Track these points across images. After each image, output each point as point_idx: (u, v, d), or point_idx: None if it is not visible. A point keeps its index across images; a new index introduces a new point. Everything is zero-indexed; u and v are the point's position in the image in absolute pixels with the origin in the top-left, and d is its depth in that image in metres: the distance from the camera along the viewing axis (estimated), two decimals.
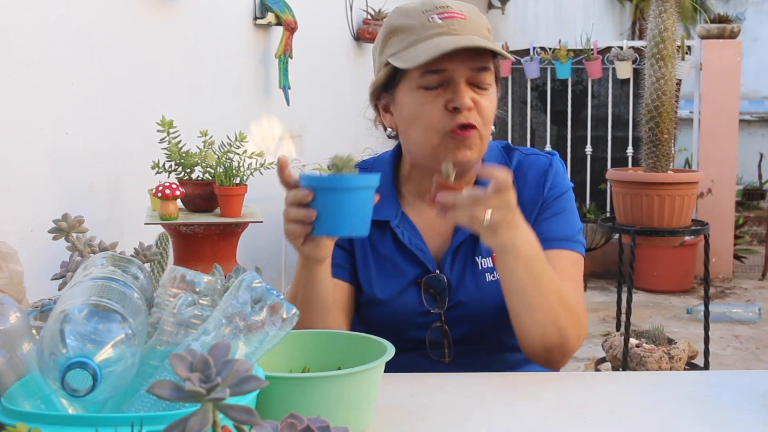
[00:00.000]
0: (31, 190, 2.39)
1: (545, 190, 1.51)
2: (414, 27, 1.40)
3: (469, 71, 1.39)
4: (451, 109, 1.39)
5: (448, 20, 1.39)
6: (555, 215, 1.51)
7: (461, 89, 1.38)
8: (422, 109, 1.40)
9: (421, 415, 1.18)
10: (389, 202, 1.52)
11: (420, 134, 1.42)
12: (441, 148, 1.41)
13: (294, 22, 4.16)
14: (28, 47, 2.37)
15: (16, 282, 1.46)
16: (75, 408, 0.95)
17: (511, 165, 1.54)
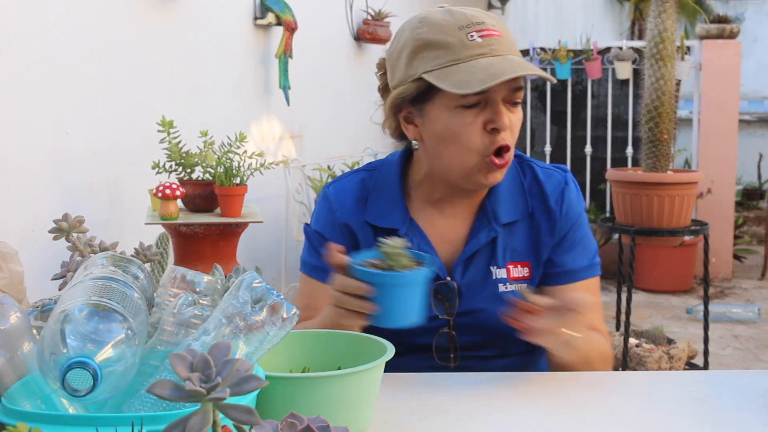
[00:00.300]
0: (31, 190, 2.39)
1: (561, 215, 1.52)
2: (452, 45, 1.38)
3: (507, 91, 1.40)
4: (490, 129, 1.39)
5: (488, 39, 1.38)
6: (575, 244, 1.53)
7: (501, 110, 1.39)
8: (462, 130, 1.40)
9: (421, 415, 1.18)
10: (397, 208, 1.51)
11: (455, 154, 1.42)
12: (475, 170, 1.42)
13: (294, 22, 4.16)
14: (28, 47, 2.38)
15: (16, 282, 1.46)
16: (75, 408, 0.95)
17: (525, 180, 1.54)
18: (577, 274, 1.53)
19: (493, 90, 1.37)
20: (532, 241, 1.51)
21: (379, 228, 1.51)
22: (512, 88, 1.39)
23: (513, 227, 1.51)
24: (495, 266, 1.49)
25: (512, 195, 1.52)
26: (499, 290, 1.49)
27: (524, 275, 1.50)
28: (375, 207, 1.52)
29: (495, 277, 1.49)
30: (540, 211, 1.51)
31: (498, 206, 1.50)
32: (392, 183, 1.53)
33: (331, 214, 1.55)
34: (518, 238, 1.51)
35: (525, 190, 1.53)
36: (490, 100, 1.39)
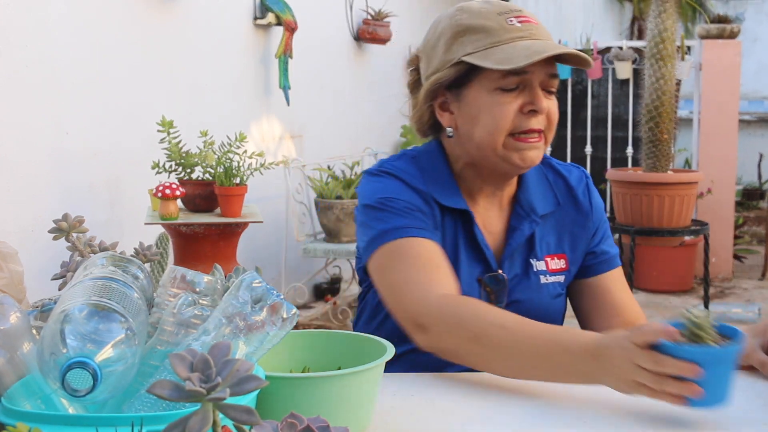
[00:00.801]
0: (31, 190, 2.39)
1: (592, 210, 1.57)
2: (493, 28, 1.41)
3: (545, 76, 1.42)
4: (527, 111, 1.41)
5: (526, 24, 1.42)
6: (604, 238, 1.59)
7: (539, 93, 1.42)
8: (498, 110, 1.41)
9: (421, 415, 1.18)
10: (456, 192, 1.50)
11: (486, 133, 1.43)
12: (503, 150, 1.43)
13: (294, 22, 4.16)
14: (28, 47, 2.38)
15: (16, 282, 1.46)
16: (75, 408, 0.95)
17: (548, 174, 1.57)
18: (615, 260, 1.59)
19: (531, 74, 1.40)
20: (566, 234, 1.55)
21: (446, 207, 1.48)
22: (549, 74, 1.42)
23: (546, 219, 1.54)
24: (534, 258, 1.52)
25: (541, 188, 1.55)
26: (541, 282, 1.52)
27: (561, 267, 1.54)
28: (437, 188, 1.49)
29: (536, 269, 1.52)
30: (568, 203, 1.56)
31: (532, 198, 1.53)
32: (444, 172, 1.51)
33: (404, 184, 1.47)
34: (551, 230, 1.54)
35: (551, 184, 1.57)
36: (528, 84, 1.41)
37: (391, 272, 1.39)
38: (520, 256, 1.51)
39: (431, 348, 1.33)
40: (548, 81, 1.43)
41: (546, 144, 1.46)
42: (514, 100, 1.41)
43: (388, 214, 1.43)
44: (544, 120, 1.44)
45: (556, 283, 1.53)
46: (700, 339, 1.10)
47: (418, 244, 1.40)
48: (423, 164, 1.51)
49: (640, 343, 1.12)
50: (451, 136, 1.49)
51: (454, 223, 1.49)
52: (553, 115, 1.45)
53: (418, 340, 1.34)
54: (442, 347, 1.32)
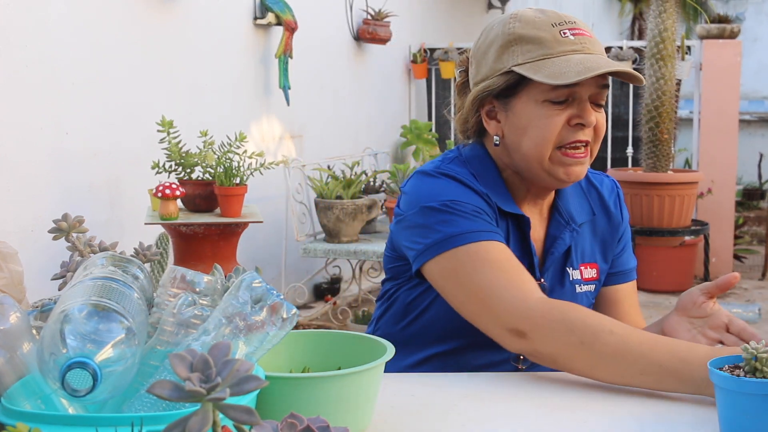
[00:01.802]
0: (31, 190, 2.39)
1: (621, 217, 1.59)
2: (546, 40, 1.40)
3: (594, 89, 1.41)
4: (574, 124, 1.41)
5: (581, 37, 1.41)
6: (626, 246, 1.61)
7: (588, 107, 1.41)
8: (546, 122, 1.40)
9: (421, 415, 1.18)
10: (511, 200, 1.48)
11: (532, 145, 1.42)
12: (548, 163, 1.42)
13: (294, 22, 4.16)
14: (28, 47, 2.37)
15: (16, 282, 1.46)
16: (75, 408, 0.95)
17: (580, 182, 1.57)
18: (631, 274, 1.63)
19: (581, 87, 1.39)
20: (597, 243, 1.56)
21: (503, 212, 1.46)
22: (599, 85, 1.41)
23: (581, 228, 1.55)
24: (570, 267, 1.52)
25: (577, 197, 1.56)
26: (576, 291, 1.52)
27: (593, 276, 1.55)
28: (492, 191, 1.47)
29: (572, 278, 1.52)
30: (600, 212, 1.57)
31: (570, 207, 1.54)
32: (496, 176, 1.49)
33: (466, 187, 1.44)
34: (586, 239, 1.55)
35: (585, 193, 1.57)
36: (577, 97, 1.40)
37: (474, 276, 1.36)
38: (558, 265, 1.51)
39: (530, 352, 1.32)
40: (598, 94, 1.42)
41: (591, 157, 1.46)
42: (562, 112, 1.40)
43: (456, 218, 1.39)
44: (591, 132, 1.43)
45: (588, 292, 1.54)
46: (761, 373, 1.07)
47: (496, 248, 1.38)
48: (475, 168, 1.49)
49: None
50: (498, 144, 1.48)
51: (507, 227, 1.47)
52: (600, 128, 1.44)
53: (514, 344, 1.32)
54: (546, 352, 1.30)
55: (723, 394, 1.08)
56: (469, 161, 1.50)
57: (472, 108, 1.48)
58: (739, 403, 1.06)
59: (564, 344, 1.28)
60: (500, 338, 1.34)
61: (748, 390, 1.05)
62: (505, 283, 1.33)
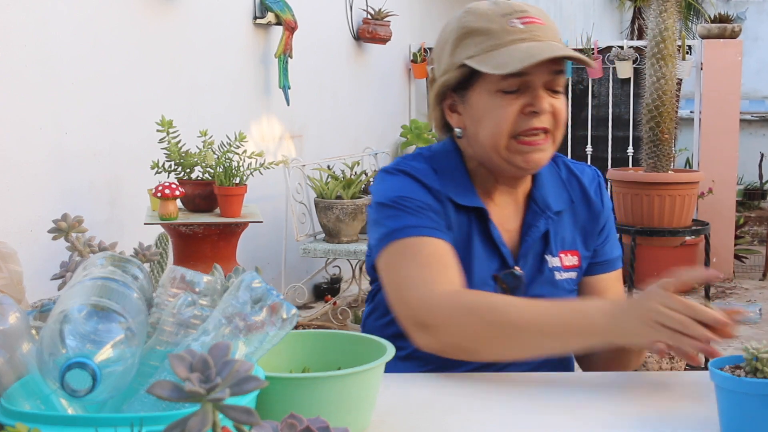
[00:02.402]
0: (30, 190, 2.39)
1: (602, 206, 1.58)
2: (495, 30, 1.41)
3: (548, 75, 1.42)
4: (528, 112, 1.42)
5: (530, 25, 1.41)
6: (610, 236, 1.59)
7: (540, 94, 1.42)
8: (498, 112, 1.42)
9: (421, 415, 1.18)
10: (470, 191, 1.50)
11: (489, 135, 1.44)
12: (507, 152, 1.43)
13: (294, 22, 4.16)
14: (28, 47, 2.37)
15: (15, 282, 1.46)
16: (75, 408, 0.95)
17: (561, 173, 1.58)
18: (615, 263, 1.59)
19: (532, 75, 1.40)
20: (578, 231, 1.56)
21: (460, 206, 1.48)
22: (552, 71, 1.42)
23: (560, 216, 1.55)
24: (549, 254, 1.52)
25: (554, 186, 1.56)
26: (556, 278, 1.52)
27: (574, 264, 1.54)
28: (452, 186, 1.49)
29: (551, 265, 1.52)
30: (580, 201, 1.57)
31: (546, 196, 1.54)
32: (459, 170, 1.52)
33: (418, 183, 1.48)
34: (565, 227, 1.54)
35: (564, 182, 1.57)
36: (530, 85, 1.41)
37: (398, 270, 1.39)
38: (535, 253, 1.52)
39: (433, 346, 1.33)
40: (553, 80, 1.43)
41: (554, 143, 1.47)
42: (515, 101, 1.41)
43: (401, 213, 1.43)
44: (549, 119, 1.44)
45: (569, 279, 1.54)
46: (761, 373, 1.08)
47: (428, 243, 1.40)
48: (439, 163, 1.51)
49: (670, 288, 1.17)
50: (460, 136, 1.51)
51: (468, 220, 1.49)
52: (559, 114, 1.45)
53: (419, 339, 1.34)
54: (451, 341, 1.32)
55: (723, 394, 1.08)
56: (434, 156, 1.53)
57: (435, 103, 1.52)
58: (740, 403, 1.06)
59: (466, 327, 1.30)
60: (409, 333, 1.36)
61: (749, 390, 1.05)
62: (423, 278, 1.36)
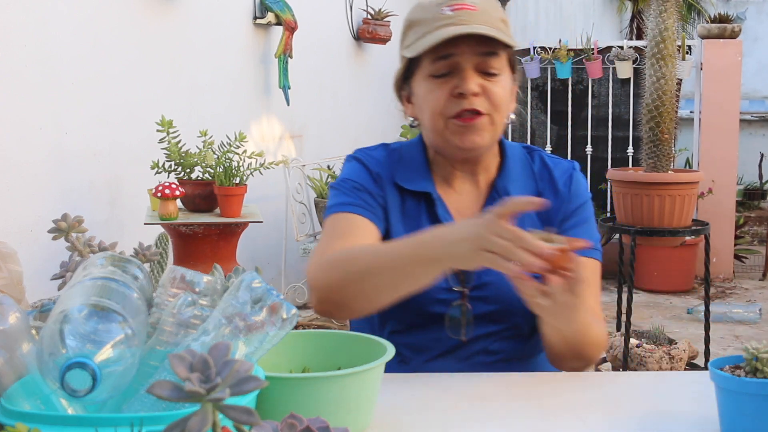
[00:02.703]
0: (30, 190, 2.39)
1: (569, 197, 1.57)
2: (427, 20, 1.46)
3: (476, 57, 1.45)
4: (457, 95, 1.44)
5: (459, 11, 1.44)
6: (580, 224, 1.57)
7: (467, 75, 1.44)
8: (431, 96, 1.47)
9: (421, 415, 1.18)
10: (425, 177, 1.55)
11: (428, 120, 1.49)
12: (447, 133, 1.47)
13: (294, 22, 4.16)
14: (28, 47, 2.37)
15: (15, 282, 1.46)
16: (75, 408, 0.95)
17: (533, 164, 1.59)
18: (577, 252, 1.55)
19: (458, 57, 1.43)
20: (541, 221, 1.55)
21: (408, 191, 1.54)
22: (480, 53, 1.44)
23: None
24: None
25: (522, 176, 1.57)
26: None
27: None
28: (405, 173, 1.56)
29: None
30: (548, 192, 1.56)
31: (509, 185, 1.55)
32: (417, 158, 1.58)
33: (364, 168, 1.57)
34: (528, 217, 1.54)
35: (534, 174, 1.58)
36: (458, 68, 1.44)
37: (318, 245, 1.48)
38: None
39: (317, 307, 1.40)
40: (484, 62, 1.45)
41: (494, 127, 1.48)
42: (445, 84, 1.45)
43: (339, 193, 1.53)
44: (482, 101, 1.45)
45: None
46: (761, 373, 1.07)
47: (346, 218, 1.49)
48: (401, 153, 1.59)
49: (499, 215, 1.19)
50: (414, 125, 1.57)
51: (417, 205, 1.53)
52: (494, 96, 1.46)
53: (314, 304, 1.41)
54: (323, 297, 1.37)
55: (723, 394, 1.08)
56: (402, 147, 1.61)
57: (397, 96, 1.58)
58: (740, 403, 1.06)
59: (330, 281, 1.35)
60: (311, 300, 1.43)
61: (749, 390, 1.05)
62: (323, 248, 1.44)
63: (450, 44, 1.43)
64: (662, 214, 3.70)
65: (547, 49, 6.05)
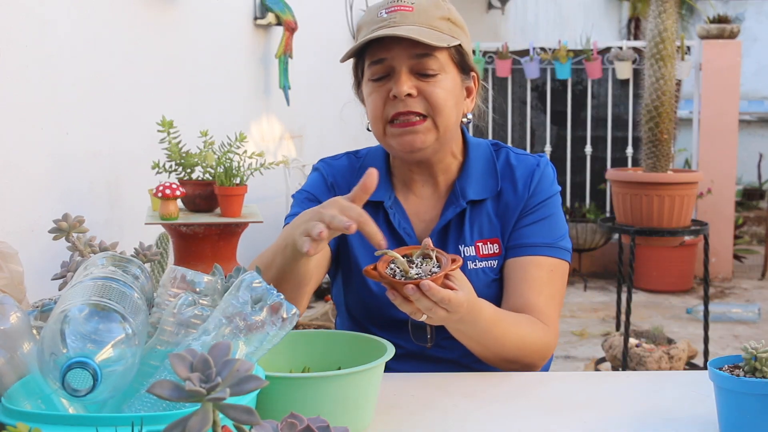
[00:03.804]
0: (31, 190, 2.39)
1: (529, 193, 1.53)
2: (367, 23, 1.47)
3: (410, 59, 1.44)
4: (392, 97, 1.44)
5: (392, 14, 1.44)
6: (537, 221, 1.52)
7: (399, 78, 1.43)
8: (370, 99, 1.48)
9: (421, 415, 1.18)
10: (384, 185, 1.55)
11: (372, 123, 1.50)
12: (387, 138, 1.48)
13: (294, 22, 4.16)
14: (28, 47, 2.37)
15: (16, 282, 1.46)
16: (75, 408, 0.95)
17: (498, 162, 1.56)
18: (533, 248, 1.50)
19: (392, 59, 1.43)
20: (501, 219, 1.53)
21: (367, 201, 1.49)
22: (413, 55, 1.43)
23: (481, 205, 1.53)
24: (463, 244, 1.51)
25: (483, 175, 1.55)
26: (468, 268, 1.50)
27: (494, 252, 1.52)
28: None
29: (464, 255, 1.51)
30: (509, 191, 1.54)
31: (467, 185, 1.53)
32: (378, 163, 1.58)
33: (321, 178, 1.60)
34: (486, 216, 1.52)
35: (497, 172, 1.55)
36: (393, 71, 1.45)
37: None
38: (447, 243, 1.52)
39: None
40: (419, 63, 1.44)
41: (437, 130, 1.46)
42: (382, 88, 1.46)
43: (294, 204, 1.59)
44: (420, 103, 1.44)
45: (487, 268, 1.51)
46: (760, 373, 1.08)
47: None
48: (365, 160, 1.60)
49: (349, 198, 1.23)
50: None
51: (375, 215, 1.52)
52: (431, 97, 1.44)
53: None
54: None
55: (723, 393, 1.08)
56: (368, 154, 1.62)
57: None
58: (739, 402, 1.06)
59: None
60: None
61: (748, 390, 1.05)
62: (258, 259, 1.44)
63: (382, 48, 1.43)
64: (661, 214, 3.70)
65: (546, 49, 6.05)
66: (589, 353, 4.41)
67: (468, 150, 1.57)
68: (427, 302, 1.20)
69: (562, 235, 1.54)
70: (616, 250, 4.14)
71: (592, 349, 4.47)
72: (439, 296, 1.19)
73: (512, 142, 6.33)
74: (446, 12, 1.48)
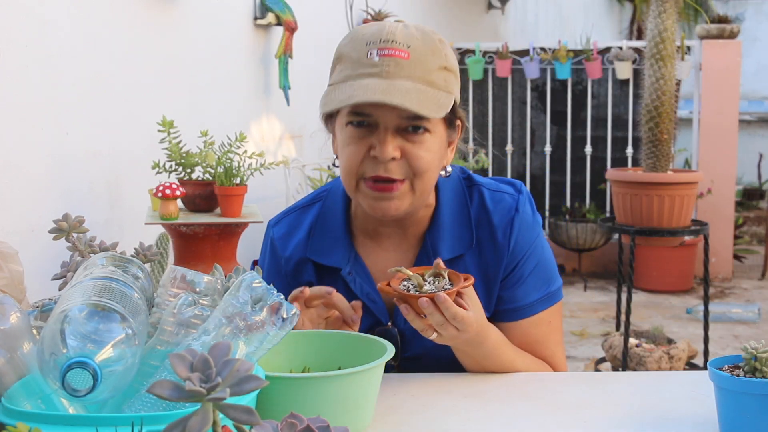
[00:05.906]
0: (31, 191, 2.39)
1: (510, 246, 1.39)
2: (352, 60, 1.28)
3: (396, 120, 1.28)
4: (373, 156, 1.29)
5: (386, 59, 1.26)
6: (526, 277, 1.41)
7: (385, 139, 1.27)
8: (348, 149, 1.30)
9: (421, 415, 1.18)
10: (341, 244, 1.41)
11: (343, 171, 1.33)
12: (359, 195, 1.33)
13: (294, 23, 4.17)
14: (28, 47, 2.38)
15: (16, 282, 1.46)
16: (75, 408, 0.95)
17: (471, 207, 1.42)
18: (530, 308, 1.42)
19: (378, 117, 1.27)
20: (481, 274, 1.39)
21: (322, 266, 1.42)
22: (404, 116, 1.27)
23: (458, 261, 1.39)
24: None
25: (456, 226, 1.40)
26: None
27: None
28: (319, 243, 1.42)
29: None
30: (487, 242, 1.40)
31: (439, 241, 1.39)
32: (337, 215, 1.43)
33: (273, 254, 1.47)
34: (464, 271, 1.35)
35: (471, 220, 1.40)
36: (378, 125, 1.28)
37: None
38: None
39: None
40: (407, 123, 1.28)
41: (414, 193, 1.31)
42: (363, 140, 1.29)
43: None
44: (401, 167, 1.29)
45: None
46: (760, 373, 1.07)
47: None
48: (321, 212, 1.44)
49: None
50: (336, 165, 1.38)
51: (334, 282, 1.39)
52: (415, 162, 1.28)
53: None
54: None
55: (723, 393, 1.08)
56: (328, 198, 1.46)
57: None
58: (739, 402, 1.06)
59: None
60: None
61: (748, 390, 1.06)
62: None
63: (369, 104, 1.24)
64: (661, 214, 3.70)
65: (546, 49, 6.05)
66: (589, 353, 4.41)
67: (439, 194, 1.41)
68: (440, 317, 1.18)
69: (551, 275, 1.44)
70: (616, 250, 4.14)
71: (592, 349, 4.47)
72: (452, 311, 1.17)
73: (512, 142, 6.33)
74: (443, 60, 1.30)
